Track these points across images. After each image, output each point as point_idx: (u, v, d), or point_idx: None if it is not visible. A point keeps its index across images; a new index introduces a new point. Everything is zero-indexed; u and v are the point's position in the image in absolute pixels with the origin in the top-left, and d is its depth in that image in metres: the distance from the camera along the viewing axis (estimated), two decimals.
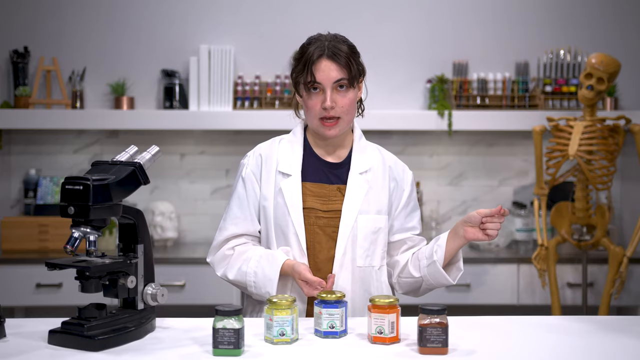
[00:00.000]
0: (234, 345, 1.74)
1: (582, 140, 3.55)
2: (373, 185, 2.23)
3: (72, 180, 1.85)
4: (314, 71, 2.14)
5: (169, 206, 4.16)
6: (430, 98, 4.17)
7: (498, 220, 2.10)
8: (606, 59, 3.52)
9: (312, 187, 2.21)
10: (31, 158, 4.28)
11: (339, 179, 2.23)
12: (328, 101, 2.13)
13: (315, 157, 2.25)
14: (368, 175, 2.24)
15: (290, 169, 2.22)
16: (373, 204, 2.22)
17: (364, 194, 2.21)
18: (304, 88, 2.18)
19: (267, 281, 2.13)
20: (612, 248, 3.61)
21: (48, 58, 4.18)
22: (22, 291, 3.76)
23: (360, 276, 2.20)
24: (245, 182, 2.25)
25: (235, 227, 2.23)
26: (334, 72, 2.14)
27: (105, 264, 1.87)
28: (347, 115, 2.18)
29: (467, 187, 4.37)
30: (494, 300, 3.85)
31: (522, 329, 2.03)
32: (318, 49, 2.16)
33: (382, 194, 2.25)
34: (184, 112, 4.08)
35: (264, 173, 2.24)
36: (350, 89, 2.17)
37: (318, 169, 2.24)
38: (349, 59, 2.16)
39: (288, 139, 2.29)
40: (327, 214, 2.20)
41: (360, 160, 2.25)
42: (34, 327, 1.98)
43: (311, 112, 2.18)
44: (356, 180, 2.22)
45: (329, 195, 2.21)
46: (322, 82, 2.14)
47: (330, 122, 2.16)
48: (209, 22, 4.26)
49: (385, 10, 4.29)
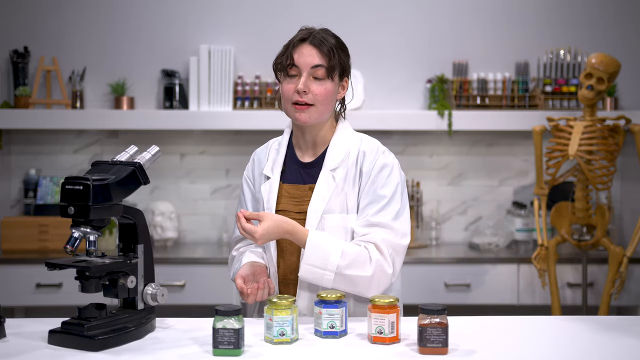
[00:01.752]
0: (234, 345, 1.74)
1: (582, 140, 3.55)
2: (340, 182, 2.15)
3: (72, 180, 1.85)
4: (294, 53, 2.13)
5: (169, 206, 4.16)
6: (430, 98, 4.17)
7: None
8: (606, 59, 3.52)
9: (289, 189, 2.21)
10: (31, 158, 4.28)
11: (312, 178, 2.20)
12: (301, 84, 2.11)
13: (293, 158, 2.25)
14: (339, 172, 2.16)
15: (271, 171, 2.24)
16: (340, 202, 2.15)
17: (331, 192, 2.15)
18: (283, 73, 2.16)
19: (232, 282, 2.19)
20: (612, 248, 3.61)
21: (48, 58, 4.18)
22: (22, 291, 3.76)
23: None
24: (243, 184, 2.32)
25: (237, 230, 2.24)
26: (312, 58, 2.12)
27: (105, 264, 1.87)
28: (321, 105, 2.13)
29: (467, 187, 4.37)
30: (494, 300, 3.85)
31: (522, 329, 2.03)
32: (303, 34, 2.16)
33: (350, 192, 2.16)
34: (184, 112, 4.08)
35: (256, 176, 2.29)
36: (327, 79, 2.13)
37: (294, 170, 2.23)
38: (331, 49, 2.13)
39: (279, 140, 2.30)
40: (299, 215, 2.17)
41: (333, 156, 2.18)
42: (34, 327, 1.98)
43: (285, 97, 2.16)
44: (325, 179, 2.16)
45: (302, 196, 2.19)
46: (299, 65, 2.12)
47: (302, 107, 2.12)
48: (209, 22, 4.26)
49: (385, 10, 4.28)
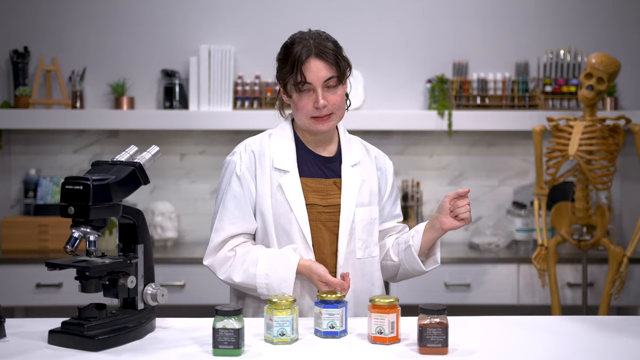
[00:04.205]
0: (234, 345, 1.74)
1: (582, 140, 3.55)
2: (365, 178, 2.27)
3: (72, 180, 1.85)
4: (304, 71, 2.13)
5: (169, 206, 4.16)
6: (430, 98, 4.17)
7: (465, 203, 2.15)
8: (606, 59, 3.52)
9: (310, 183, 2.21)
10: (31, 158, 4.28)
11: (334, 173, 2.24)
12: (321, 100, 2.13)
13: (309, 152, 2.25)
14: (359, 167, 2.27)
15: (287, 165, 2.20)
16: (367, 195, 2.25)
17: (359, 186, 2.24)
18: (294, 89, 2.16)
19: (281, 282, 2.10)
20: (612, 248, 3.61)
21: (48, 58, 4.18)
22: (22, 291, 3.76)
23: (360, 268, 2.23)
24: (241, 179, 2.21)
25: (234, 227, 2.18)
26: (323, 72, 2.14)
27: (105, 264, 1.87)
28: (339, 110, 2.19)
29: (467, 187, 4.36)
30: (494, 300, 3.85)
31: (522, 329, 2.03)
32: (305, 48, 2.14)
33: (373, 185, 2.28)
34: (184, 112, 4.08)
35: (258, 170, 2.21)
36: (339, 85, 2.18)
37: (313, 164, 2.24)
38: (336, 56, 2.16)
39: (277, 134, 2.27)
40: (328, 209, 2.21)
41: (350, 153, 2.28)
42: (34, 327, 1.98)
43: (302, 112, 2.17)
44: (350, 173, 2.24)
45: (327, 190, 2.22)
46: (312, 82, 2.14)
47: (323, 119, 2.17)
48: (209, 22, 4.26)
49: (386, 10, 4.29)
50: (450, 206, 2.17)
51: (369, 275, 2.24)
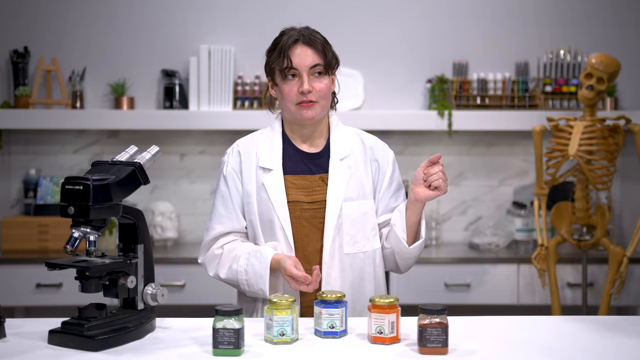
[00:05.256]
0: (234, 345, 1.74)
1: (582, 140, 3.55)
2: (355, 171, 2.24)
3: (72, 180, 1.85)
4: (291, 56, 2.16)
5: (169, 206, 4.16)
6: (430, 98, 4.17)
7: (437, 170, 2.09)
8: (606, 59, 3.52)
9: (295, 180, 2.22)
10: (31, 158, 4.28)
11: (321, 168, 2.24)
12: (306, 85, 2.15)
13: (294, 149, 2.26)
14: (349, 160, 2.25)
15: (271, 163, 2.22)
16: (356, 189, 2.23)
17: (347, 180, 2.22)
18: (280, 75, 2.19)
19: (258, 278, 2.14)
20: (612, 248, 3.61)
21: (48, 58, 4.18)
22: (22, 291, 3.76)
23: (349, 263, 2.22)
24: (227, 179, 2.25)
25: (221, 226, 2.23)
26: (310, 58, 2.17)
27: (105, 264, 1.87)
28: (323, 100, 2.20)
29: (467, 187, 4.37)
30: (494, 300, 3.85)
31: (522, 329, 2.03)
32: (293, 35, 2.19)
33: (364, 178, 2.26)
34: (184, 112, 4.08)
35: (244, 169, 2.24)
36: (325, 75, 2.19)
37: (298, 161, 2.24)
38: (324, 45, 2.19)
39: (266, 133, 2.29)
40: (312, 205, 2.21)
41: (340, 146, 2.26)
42: (34, 327, 1.98)
43: (287, 98, 2.19)
44: (337, 168, 2.23)
45: (312, 186, 2.22)
46: (298, 67, 2.16)
47: (307, 104, 2.17)
48: (209, 22, 4.26)
49: (385, 10, 4.29)
50: (424, 175, 2.12)
51: (359, 270, 2.23)
